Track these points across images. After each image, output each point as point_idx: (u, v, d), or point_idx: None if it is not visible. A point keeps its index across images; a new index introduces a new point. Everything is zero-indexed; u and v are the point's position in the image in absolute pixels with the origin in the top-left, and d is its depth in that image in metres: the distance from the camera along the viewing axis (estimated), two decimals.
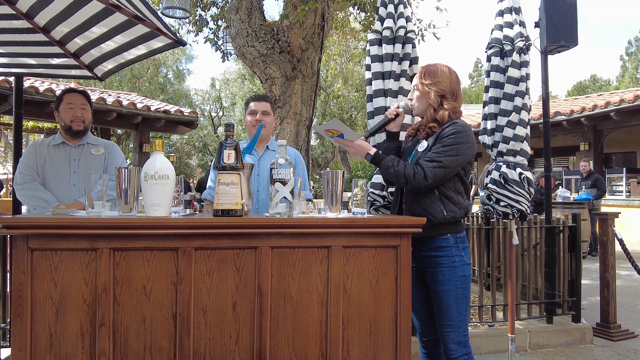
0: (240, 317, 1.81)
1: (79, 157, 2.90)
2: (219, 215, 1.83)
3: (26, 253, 1.68)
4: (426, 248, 2.18)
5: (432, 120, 2.20)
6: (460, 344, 2.13)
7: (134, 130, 10.51)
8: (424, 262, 2.21)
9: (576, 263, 4.05)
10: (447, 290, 2.13)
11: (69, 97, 2.90)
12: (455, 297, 2.12)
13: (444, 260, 2.15)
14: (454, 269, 2.14)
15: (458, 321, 2.13)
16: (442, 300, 2.14)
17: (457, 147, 2.10)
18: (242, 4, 4.70)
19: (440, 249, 2.16)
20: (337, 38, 8.76)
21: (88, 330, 1.71)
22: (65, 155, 2.89)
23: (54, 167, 2.86)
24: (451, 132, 2.12)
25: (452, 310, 2.12)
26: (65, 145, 2.91)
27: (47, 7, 2.60)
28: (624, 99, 9.79)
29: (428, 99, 2.21)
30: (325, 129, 2.21)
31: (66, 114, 2.88)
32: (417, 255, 2.19)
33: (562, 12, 3.48)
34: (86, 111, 2.93)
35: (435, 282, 2.16)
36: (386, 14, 2.96)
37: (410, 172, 2.09)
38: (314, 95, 4.88)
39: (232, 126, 1.96)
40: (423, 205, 2.16)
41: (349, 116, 19.02)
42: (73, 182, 2.86)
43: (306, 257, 1.86)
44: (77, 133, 2.90)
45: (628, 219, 11.05)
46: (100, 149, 2.97)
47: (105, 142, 3.05)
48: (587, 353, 3.70)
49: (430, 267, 2.18)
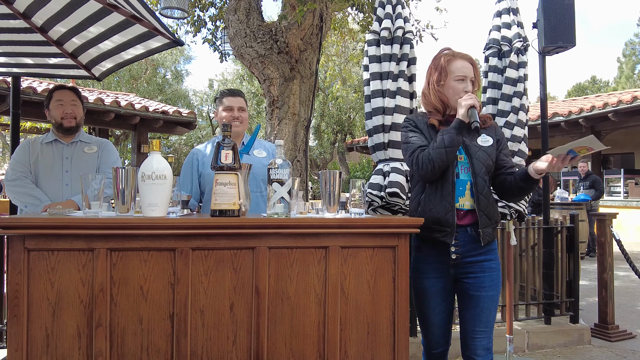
0: (237, 317, 1.80)
1: (72, 155, 2.85)
2: (217, 215, 1.83)
3: (22, 253, 1.67)
4: (478, 253, 2.05)
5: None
6: (488, 350, 2.05)
7: (132, 131, 10.50)
8: (469, 267, 2.06)
9: (574, 264, 4.05)
10: (491, 296, 2.04)
11: (59, 94, 2.85)
12: (495, 303, 2.06)
13: (493, 264, 2.06)
14: (499, 274, 2.08)
15: (491, 328, 2.07)
16: (484, 305, 2.03)
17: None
18: (241, 5, 4.70)
19: (491, 252, 2.07)
20: (336, 39, 8.76)
21: (85, 330, 1.71)
22: (58, 153, 2.85)
23: (46, 165, 2.82)
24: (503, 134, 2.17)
25: (491, 316, 2.04)
26: (58, 143, 2.86)
27: (45, 6, 2.60)
28: (621, 100, 9.81)
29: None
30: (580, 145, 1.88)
31: (56, 110, 2.83)
32: (460, 262, 2.06)
33: (560, 13, 3.49)
34: (77, 107, 2.88)
35: (481, 288, 2.04)
36: (384, 15, 2.96)
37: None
38: (312, 96, 4.88)
39: (229, 127, 1.95)
40: (495, 206, 2.08)
41: (347, 117, 19.03)
42: (65, 181, 2.82)
43: (304, 258, 1.86)
44: (69, 130, 2.84)
45: (626, 219, 11.07)
46: (93, 147, 2.92)
47: (99, 140, 2.99)
48: (585, 354, 3.70)
49: (478, 273, 2.05)
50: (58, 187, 2.80)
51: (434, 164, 1.99)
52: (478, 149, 2.07)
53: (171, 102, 22.40)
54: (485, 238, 2.03)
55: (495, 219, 2.07)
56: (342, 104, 18.22)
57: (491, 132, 2.13)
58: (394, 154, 2.93)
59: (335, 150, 20.35)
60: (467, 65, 2.10)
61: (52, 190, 2.78)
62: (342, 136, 19.83)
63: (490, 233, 2.05)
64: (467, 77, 2.08)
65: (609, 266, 4.08)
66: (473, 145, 2.08)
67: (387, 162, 2.94)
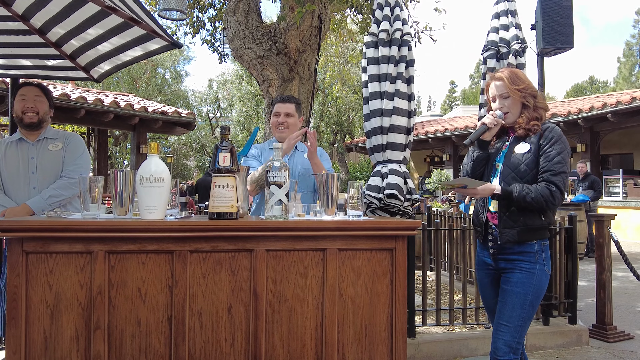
0: (235, 320, 1.81)
1: (37, 155, 2.72)
2: (214, 217, 1.83)
3: (21, 256, 1.67)
4: (510, 252, 2.18)
5: (532, 119, 2.18)
6: (511, 347, 2.10)
7: (131, 131, 10.51)
8: (503, 264, 2.21)
9: (572, 265, 4.06)
10: (517, 292, 2.12)
11: (23, 89, 2.76)
12: (522, 302, 2.11)
13: (524, 265, 2.14)
14: (531, 276, 2.13)
15: (517, 325, 2.11)
16: (507, 299, 2.14)
17: (567, 151, 2.15)
18: (239, 6, 4.70)
19: (524, 254, 2.15)
20: (335, 40, 8.76)
21: (83, 333, 1.71)
22: (23, 153, 2.73)
23: (11, 167, 2.70)
24: (558, 137, 2.14)
25: (515, 313, 2.11)
26: (23, 142, 2.75)
27: (43, 9, 2.61)
28: (620, 101, 9.82)
29: (524, 102, 2.20)
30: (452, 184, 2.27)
31: (18, 105, 2.72)
32: (497, 258, 2.23)
33: (558, 14, 3.50)
34: (40, 102, 2.75)
35: (508, 282, 2.16)
36: (382, 17, 2.97)
37: (546, 192, 2.07)
38: (311, 97, 4.88)
39: (227, 129, 1.96)
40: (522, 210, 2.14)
41: (346, 117, 19.04)
42: (32, 184, 2.69)
43: (302, 260, 1.86)
44: (30, 126, 2.72)
45: (624, 220, 11.08)
46: (58, 144, 2.77)
47: (64, 135, 2.84)
48: (584, 355, 3.71)
49: (509, 269, 2.18)
50: (25, 191, 2.68)
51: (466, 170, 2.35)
52: (512, 155, 2.19)
53: (170, 102, 22.42)
54: (503, 238, 2.15)
55: (522, 222, 2.13)
56: (341, 105, 18.23)
57: (534, 139, 2.17)
58: (392, 155, 2.94)
59: (335, 151, 20.36)
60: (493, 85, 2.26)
61: (19, 194, 2.67)
62: (341, 136, 19.84)
63: (514, 235, 2.13)
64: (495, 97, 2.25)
65: (607, 267, 4.08)
66: (510, 153, 2.21)
67: (385, 164, 2.95)
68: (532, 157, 2.15)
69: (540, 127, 2.18)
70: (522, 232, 2.13)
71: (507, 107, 2.22)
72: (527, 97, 2.20)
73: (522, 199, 2.08)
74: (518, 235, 2.13)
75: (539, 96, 2.24)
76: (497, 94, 2.24)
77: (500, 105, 2.24)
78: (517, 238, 2.13)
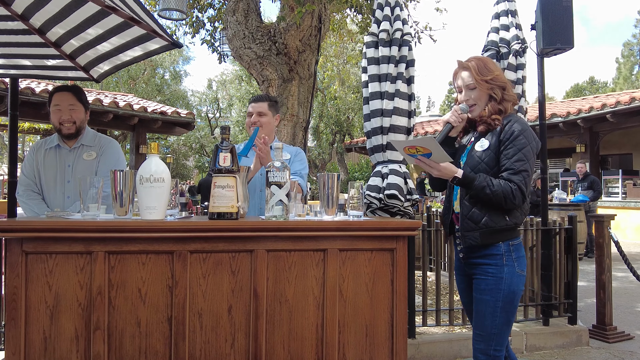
0: (235, 320, 1.80)
1: (73, 163, 2.73)
2: (215, 218, 1.83)
3: (20, 256, 1.67)
4: (476, 255, 2.09)
5: (495, 112, 2.05)
6: (488, 355, 2.03)
7: (130, 131, 10.50)
8: (473, 268, 2.12)
9: (572, 265, 4.06)
10: (485, 300, 2.03)
11: (57, 97, 2.73)
12: (492, 309, 2.01)
13: (491, 269, 2.04)
14: (499, 281, 2.02)
15: (490, 334, 2.02)
16: (478, 308, 2.06)
17: (530, 147, 1.99)
18: (239, 6, 4.70)
19: (490, 257, 2.04)
20: (334, 40, 8.76)
21: (83, 333, 1.71)
22: (61, 160, 2.74)
23: (49, 175, 2.72)
24: (519, 132, 1.98)
25: (487, 321, 2.02)
26: (61, 149, 2.76)
27: (43, 8, 2.59)
28: (619, 101, 9.83)
29: (491, 95, 2.07)
30: (411, 145, 1.99)
31: (54, 116, 2.71)
32: (467, 261, 2.14)
33: (558, 14, 3.50)
34: (76, 111, 2.72)
35: (477, 290, 2.07)
36: (382, 17, 2.97)
37: (508, 189, 1.93)
38: (310, 97, 4.88)
39: (227, 129, 1.95)
40: (484, 211, 2.02)
41: (346, 117, 19.04)
42: (67, 193, 2.69)
43: (302, 260, 1.86)
44: (69, 137, 2.73)
45: (624, 220, 11.09)
46: (92, 154, 2.77)
47: (101, 142, 2.83)
48: (583, 355, 3.71)
49: (478, 275, 2.09)
50: (60, 199, 2.69)
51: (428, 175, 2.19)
52: (473, 154, 2.07)
53: (170, 102, 22.40)
54: (466, 241, 2.04)
55: (485, 224, 2.01)
56: (340, 105, 18.23)
57: (494, 135, 2.05)
58: (392, 155, 2.93)
59: (334, 151, 20.37)
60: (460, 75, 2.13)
61: (54, 202, 2.69)
62: (340, 137, 19.85)
63: (477, 237, 2.01)
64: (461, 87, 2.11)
65: (607, 267, 4.08)
66: (472, 150, 2.10)
67: (385, 164, 2.94)
68: (492, 154, 2.02)
69: (500, 122, 2.04)
70: (484, 235, 2.01)
71: (474, 99, 2.08)
72: (494, 88, 2.05)
73: (481, 189, 1.94)
74: (481, 237, 2.01)
75: (509, 88, 2.10)
76: (463, 85, 2.10)
77: (466, 97, 2.10)
78: (480, 241, 2.01)
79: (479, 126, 2.08)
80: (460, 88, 2.12)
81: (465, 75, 2.09)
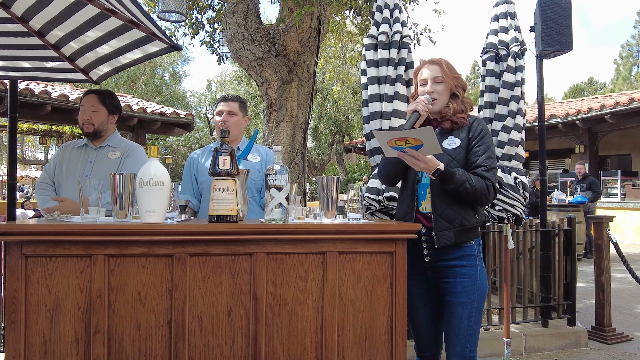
0: (235, 323, 1.81)
1: (95, 160, 2.82)
2: (214, 221, 1.83)
3: (20, 260, 1.67)
4: (449, 257, 2.06)
5: (459, 111, 2.10)
6: (464, 358, 2.03)
7: (129, 132, 10.48)
8: (443, 272, 2.08)
9: (571, 266, 4.07)
10: (462, 303, 2.02)
11: (84, 98, 2.86)
12: (469, 311, 2.02)
13: (466, 271, 2.04)
14: (474, 281, 2.03)
15: (466, 335, 2.03)
16: (454, 312, 2.04)
17: (493, 146, 2.10)
18: (238, 7, 4.70)
19: (465, 258, 2.04)
20: (334, 41, 8.77)
21: (82, 337, 1.71)
22: (84, 157, 2.83)
23: (70, 169, 2.81)
24: (485, 129, 2.08)
25: (463, 324, 2.02)
26: (87, 147, 2.86)
27: (42, 11, 2.60)
28: (618, 102, 9.85)
29: (454, 93, 2.13)
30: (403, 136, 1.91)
31: (79, 116, 2.84)
32: (435, 265, 2.09)
33: (557, 16, 3.50)
34: (96, 113, 2.82)
35: (452, 293, 2.05)
36: (382, 19, 2.97)
37: (484, 185, 1.96)
38: (310, 98, 4.88)
39: (227, 132, 1.96)
40: (458, 209, 2.02)
41: (345, 118, 19.05)
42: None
43: (301, 263, 1.86)
44: (87, 135, 2.84)
45: (623, 221, 11.11)
46: (117, 153, 2.84)
47: (127, 145, 2.91)
48: (582, 356, 3.71)
49: (450, 278, 2.06)
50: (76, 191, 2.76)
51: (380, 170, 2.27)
52: (442, 152, 2.02)
53: (169, 103, 22.41)
54: (441, 241, 2.01)
55: (458, 222, 2.02)
56: (340, 106, 18.24)
57: (462, 133, 2.09)
58: None
59: (333, 152, 20.37)
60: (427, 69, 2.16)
61: (71, 194, 2.74)
62: (340, 137, 19.85)
63: (451, 237, 2.01)
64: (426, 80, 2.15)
65: (606, 269, 4.09)
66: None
67: None
68: (463, 152, 2.06)
69: (467, 120, 2.10)
70: (459, 234, 2.01)
71: (438, 93, 2.11)
72: (458, 87, 2.14)
73: (462, 183, 1.94)
74: (455, 237, 2.00)
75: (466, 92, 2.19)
76: (430, 77, 2.13)
77: (431, 89, 2.11)
78: (455, 240, 2.00)
79: (444, 123, 2.12)
80: (425, 81, 2.15)
81: (434, 69, 2.15)
